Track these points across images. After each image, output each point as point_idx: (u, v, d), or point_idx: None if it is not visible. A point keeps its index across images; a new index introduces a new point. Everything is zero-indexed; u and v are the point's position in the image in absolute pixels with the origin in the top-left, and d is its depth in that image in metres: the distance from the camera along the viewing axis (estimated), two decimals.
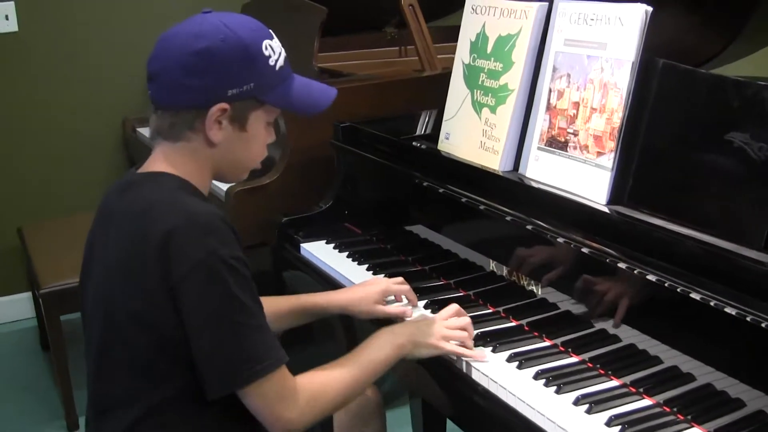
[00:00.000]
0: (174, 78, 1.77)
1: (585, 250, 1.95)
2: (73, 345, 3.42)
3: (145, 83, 1.86)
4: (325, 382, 1.87)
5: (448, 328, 2.03)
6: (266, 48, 1.82)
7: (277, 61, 1.84)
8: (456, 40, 2.56)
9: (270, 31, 1.87)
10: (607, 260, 1.88)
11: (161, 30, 1.83)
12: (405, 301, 2.30)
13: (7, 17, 4.38)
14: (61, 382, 3.59)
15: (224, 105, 1.78)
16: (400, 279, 2.33)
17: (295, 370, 1.84)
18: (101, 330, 1.81)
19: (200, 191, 1.85)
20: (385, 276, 2.42)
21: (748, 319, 1.58)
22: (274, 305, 2.25)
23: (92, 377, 1.88)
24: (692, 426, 1.69)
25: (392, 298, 2.30)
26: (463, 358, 2.01)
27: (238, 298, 1.69)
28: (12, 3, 4.36)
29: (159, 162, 1.84)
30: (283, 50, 1.88)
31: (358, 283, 2.39)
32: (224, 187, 3.15)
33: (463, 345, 2.02)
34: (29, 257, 3.84)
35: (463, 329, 2.04)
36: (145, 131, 4.12)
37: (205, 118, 1.78)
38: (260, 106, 1.84)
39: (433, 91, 2.81)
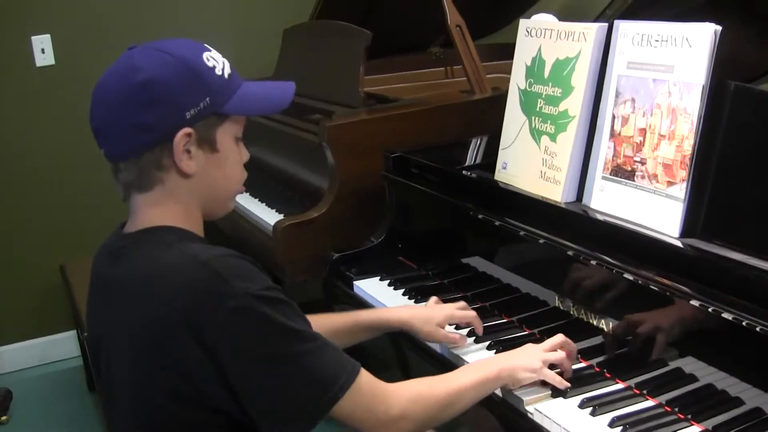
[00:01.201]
0: (124, 122, 1.66)
1: (655, 286, 1.84)
2: None
3: None
4: (428, 387, 1.81)
5: (546, 351, 1.97)
6: (208, 60, 1.71)
7: (223, 70, 1.73)
8: (503, 57, 2.47)
9: (205, 44, 1.75)
10: (681, 297, 1.79)
11: None
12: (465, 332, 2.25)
13: (43, 50, 4.36)
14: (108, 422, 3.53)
15: (187, 129, 1.66)
16: (463, 303, 2.28)
17: None
18: (133, 410, 1.70)
19: (197, 235, 1.75)
20: (435, 296, 2.36)
21: None
22: (332, 322, 2.18)
23: None
24: None
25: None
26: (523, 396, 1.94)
27: (288, 327, 1.60)
28: (48, 36, 4.34)
29: (144, 216, 1.73)
30: (225, 59, 1.76)
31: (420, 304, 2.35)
32: (271, 221, 3.09)
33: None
34: (72, 295, 3.85)
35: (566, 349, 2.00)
36: None
37: (172, 152, 1.67)
38: (223, 120, 1.73)
39: (484, 115, 2.79)
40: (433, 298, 2.33)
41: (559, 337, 2.00)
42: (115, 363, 1.70)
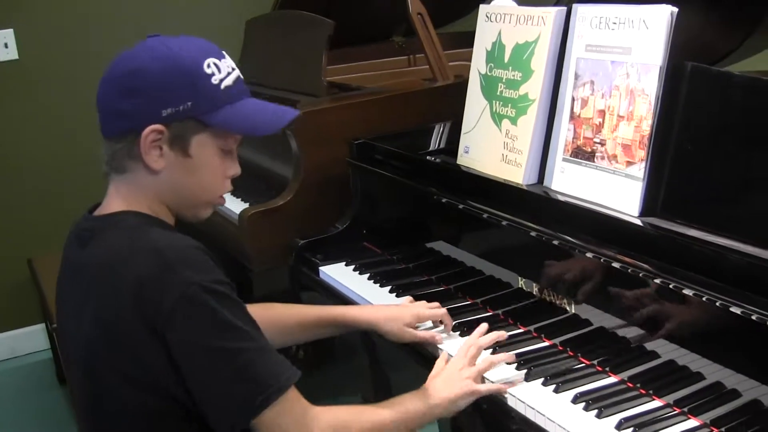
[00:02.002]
0: (109, 103, 1.70)
1: (617, 265, 1.87)
2: None
3: None
4: (351, 419, 1.78)
5: (468, 368, 1.93)
6: (209, 66, 1.70)
7: (222, 80, 1.72)
8: (465, 45, 2.49)
9: (221, 51, 1.76)
10: (641, 275, 1.81)
11: None
12: (441, 327, 2.22)
13: (6, 45, 4.34)
14: (78, 415, 3.53)
15: (158, 126, 1.67)
16: (436, 304, 2.24)
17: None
18: (90, 394, 1.72)
19: (163, 221, 1.76)
20: (409, 297, 2.36)
21: None
22: (295, 315, 2.20)
23: None
24: None
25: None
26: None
27: (231, 324, 1.60)
28: (11, 30, 4.33)
29: (114, 199, 1.76)
30: (236, 71, 1.77)
31: (392, 304, 2.33)
32: (237, 210, 3.10)
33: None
34: (41, 289, 3.84)
35: (478, 352, 1.97)
36: None
37: (140, 143, 1.68)
38: (204, 129, 1.72)
39: (446, 102, 2.78)
40: (407, 298, 2.32)
41: (462, 349, 1.99)
42: (75, 347, 1.72)
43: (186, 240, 1.67)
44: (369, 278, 2.58)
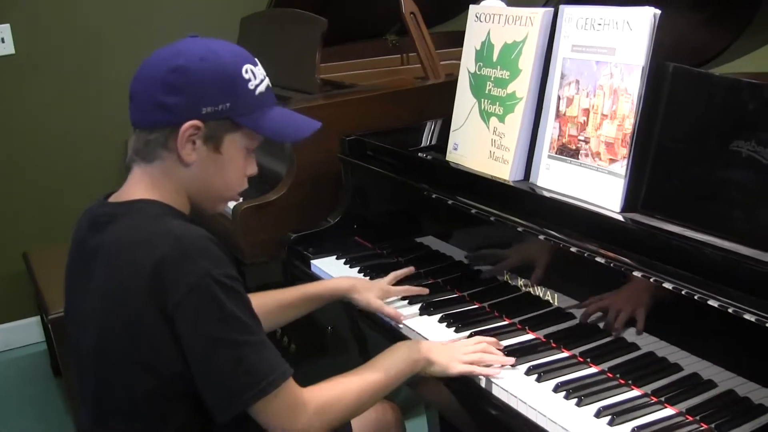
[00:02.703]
0: (151, 96, 1.77)
1: (600, 259, 1.92)
2: None
3: None
4: (336, 393, 1.88)
5: (465, 354, 2.03)
6: (246, 71, 1.82)
7: (257, 86, 1.84)
8: (457, 45, 2.55)
9: (255, 59, 1.87)
10: (623, 269, 1.86)
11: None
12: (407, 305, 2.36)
13: (2, 40, 4.37)
14: (74, 406, 3.58)
15: (197, 122, 1.76)
16: (405, 288, 2.43)
17: (309, 382, 1.84)
18: (97, 378, 1.80)
19: (182, 213, 1.85)
20: None
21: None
22: (279, 297, 2.32)
23: (91, 423, 1.86)
24: None
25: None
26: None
27: (235, 317, 1.69)
28: (8, 25, 4.36)
29: (135, 187, 1.83)
30: (267, 79, 1.88)
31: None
32: (231, 204, 3.13)
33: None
34: (36, 282, 3.86)
35: (483, 351, 2.05)
36: None
37: (178, 136, 1.77)
38: (237, 129, 1.83)
39: (438, 100, 2.82)
40: (391, 275, 2.46)
41: (477, 338, 2.10)
42: (86, 329, 1.79)
43: (203, 232, 1.75)
44: (359, 271, 2.63)
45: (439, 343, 2.09)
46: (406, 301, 2.38)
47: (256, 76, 1.84)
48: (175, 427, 1.76)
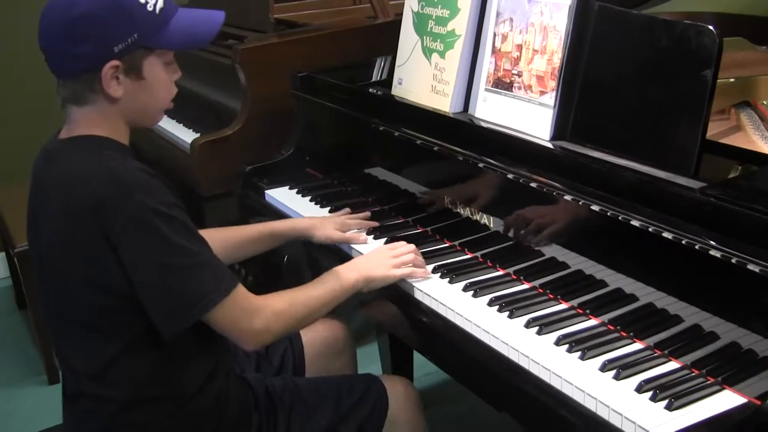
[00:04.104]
0: (61, 49, 1.81)
1: (532, 184, 2.06)
2: None
3: None
4: (290, 299, 2.00)
5: (395, 257, 2.18)
6: None
7: (155, 5, 1.86)
8: None
9: None
10: (554, 193, 2.00)
11: None
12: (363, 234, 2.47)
13: None
14: (40, 337, 3.69)
15: (114, 62, 1.81)
16: (357, 217, 2.55)
17: None
18: (57, 295, 1.89)
19: (121, 143, 1.91)
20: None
21: (683, 242, 1.70)
22: (240, 233, 2.41)
23: (55, 339, 1.98)
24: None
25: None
26: (414, 283, 2.16)
27: (174, 242, 1.78)
28: None
29: (76, 126, 1.89)
30: None
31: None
32: (188, 139, 3.26)
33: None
34: (2, 219, 3.92)
35: (407, 254, 2.20)
36: None
37: (101, 80, 1.82)
38: (150, 52, 1.87)
39: (386, 38, 2.89)
40: (345, 209, 2.59)
41: (409, 247, 2.24)
42: (47, 251, 1.89)
43: (137, 164, 1.83)
44: (311, 200, 2.75)
45: (364, 258, 2.24)
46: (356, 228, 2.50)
47: None
48: (132, 337, 1.85)
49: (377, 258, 2.20)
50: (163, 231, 1.76)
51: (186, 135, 3.42)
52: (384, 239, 2.42)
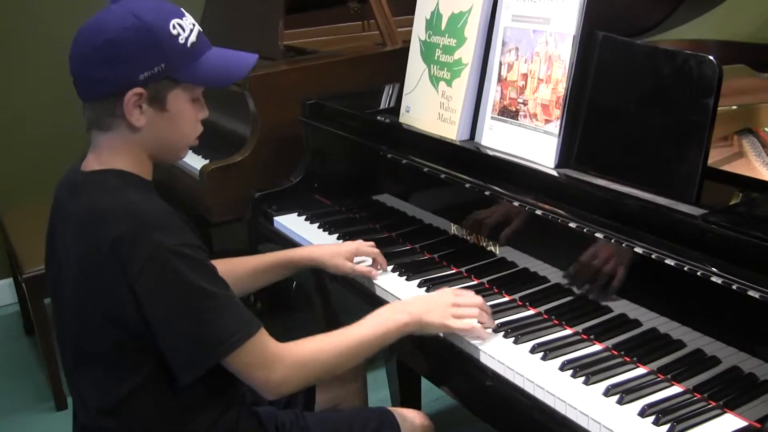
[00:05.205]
0: (87, 72, 1.82)
1: (537, 211, 2.08)
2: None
3: None
4: (316, 349, 1.92)
5: (456, 306, 2.04)
6: (174, 27, 1.82)
7: (188, 38, 1.85)
8: (413, 12, 2.68)
9: (181, 10, 1.88)
10: (559, 220, 2.02)
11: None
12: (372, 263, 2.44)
13: None
14: (48, 363, 3.66)
15: (138, 89, 1.80)
16: (372, 243, 2.45)
17: (277, 339, 1.89)
18: (75, 328, 1.89)
19: (143, 179, 1.89)
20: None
21: (685, 269, 1.73)
22: (251, 263, 2.37)
23: (69, 369, 1.97)
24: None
25: (363, 259, 2.44)
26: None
27: (194, 284, 1.75)
28: None
29: (98, 155, 1.88)
30: (196, 26, 1.89)
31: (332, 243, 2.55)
32: (198, 166, 3.28)
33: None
34: (9, 243, 3.91)
35: (471, 306, 2.05)
36: None
37: (123, 106, 1.81)
38: (177, 85, 1.86)
39: (394, 65, 2.92)
40: (358, 241, 2.50)
41: (477, 300, 2.07)
42: (65, 282, 1.88)
43: (160, 204, 1.83)
44: (319, 227, 2.78)
45: (422, 299, 2.13)
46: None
47: (185, 28, 1.85)
48: (147, 375, 1.84)
49: (437, 301, 2.07)
50: (182, 272, 1.74)
51: (195, 161, 3.43)
52: (391, 266, 2.43)
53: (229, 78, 1.98)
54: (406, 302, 2.11)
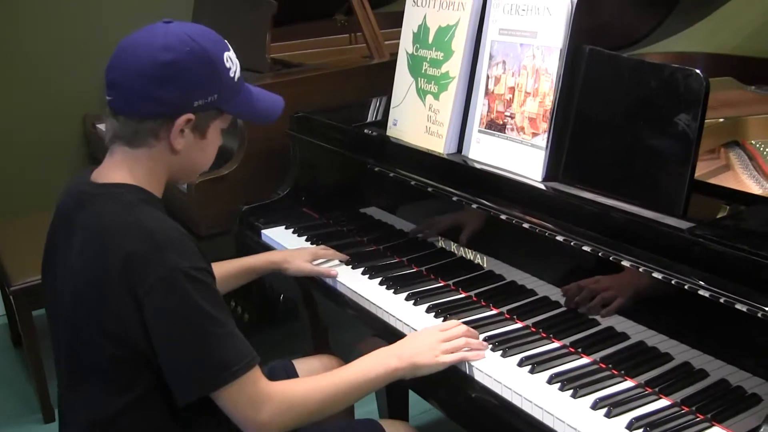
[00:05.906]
0: (139, 88, 1.79)
1: (525, 224, 2.08)
2: (45, 339, 3.47)
3: (104, 80, 1.86)
4: (306, 393, 1.90)
5: (444, 341, 2.01)
6: (227, 60, 1.89)
7: (235, 72, 1.91)
8: (401, 25, 2.69)
9: (227, 43, 1.93)
10: (547, 234, 2.02)
11: (117, 26, 1.84)
12: (336, 262, 2.55)
13: None
14: (36, 376, 3.65)
15: (190, 116, 1.83)
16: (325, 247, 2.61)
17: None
18: (70, 340, 1.88)
19: (155, 196, 1.90)
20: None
21: (673, 282, 1.73)
22: (221, 270, 2.36)
23: (62, 381, 1.96)
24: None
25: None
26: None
27: (201, 308, 1.74)
28: None
29: (116, 168, 1.88)
30: (237, 62, 1.95)
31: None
32: None
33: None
34: None
35: (460, 336, 2.03)
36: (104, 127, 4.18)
37: (171, 128, 1.83)
38: (220, 115, 1.92)
39: (381, 78, 2.93)
40: (321, 246, 2.62)
41: (462, 329, 2.05)
42: (62, 294, 1.87)
43: (174, 224, 1.82)
44: (307, 239, 2.78)
45: (409, 341, 2.06)
46: (350, 266, 2.53)
47: (234, 62, 1.92)
48: (142, 391, 1.82)
49: (425, 341, 2.02)
50: (192, 296, 1.73)
51: None
52: (378, 278, 2.44)
53: (269, 116, 2.09)
54: (396, 346, 2.05)
